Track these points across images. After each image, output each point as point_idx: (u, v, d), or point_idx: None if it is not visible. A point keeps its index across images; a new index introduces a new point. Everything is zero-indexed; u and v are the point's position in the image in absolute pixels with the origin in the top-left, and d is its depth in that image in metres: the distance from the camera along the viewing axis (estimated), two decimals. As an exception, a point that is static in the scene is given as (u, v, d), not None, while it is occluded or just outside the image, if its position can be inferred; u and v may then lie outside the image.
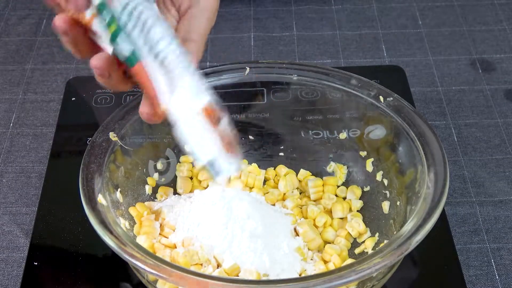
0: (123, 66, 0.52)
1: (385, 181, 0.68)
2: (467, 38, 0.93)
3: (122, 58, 0.50)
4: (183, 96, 0.49)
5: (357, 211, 0.68)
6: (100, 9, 0.50)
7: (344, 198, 0.70)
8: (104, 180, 0.61)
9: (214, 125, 0.49)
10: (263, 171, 0.72)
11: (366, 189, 0.70)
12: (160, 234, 0.65)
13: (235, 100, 0.73)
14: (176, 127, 0.50)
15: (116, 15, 0.49)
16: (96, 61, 0.51)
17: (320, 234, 0.66)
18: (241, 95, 0.72)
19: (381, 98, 0.67)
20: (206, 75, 0.69)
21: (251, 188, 0.70)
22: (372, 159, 0.69)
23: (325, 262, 0.64)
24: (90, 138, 0.64)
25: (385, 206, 0.67)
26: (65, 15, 0.51)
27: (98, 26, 0.50)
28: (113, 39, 0.50)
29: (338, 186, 0.71)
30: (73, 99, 0.83)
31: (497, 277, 0.66)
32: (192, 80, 0.49)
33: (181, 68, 0.49)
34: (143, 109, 0.53)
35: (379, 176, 0.69)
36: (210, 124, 0.49)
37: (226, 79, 0.70)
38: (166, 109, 0.49)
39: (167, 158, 0.70)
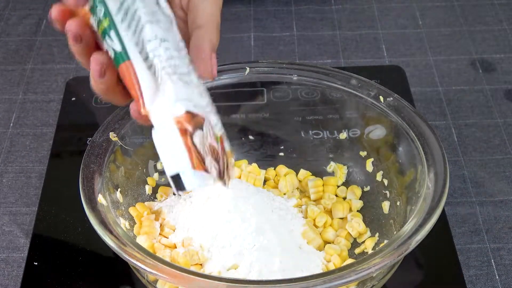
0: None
1: (385, 181, 0.68)
2: (467, 38, 0.93)
3: (111, 54, 0.48)
4: (162, 102, 0.47)
5: (357, 211, 0.68)
6: (95, 2, 0.48)
7: (344, 198, 0.70)
8: (104, 180, 0.61)
9: (185, 137, 0.47)
10: (263, 171, 0.72)
11: (366, 189, 0.70)
12: (160, 234, 0.65)
13: (235, 100, 0.73)
14: (153, 133, 0.48)
15: (110, 10, 0.48)
16: (96, 55, 0.50)
17: (320, 234, 0.66)
18: (241, 95, 0.72)
19: (381, 98, 0.67)
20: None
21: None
22: (372, 159, 0.69)
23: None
24: (90, 138, 0.64)
25: (385, 206, 0.67)
26: (63, 7, 0.49)
27: (93, 21, 0.49)
28: (104, 35, 0.48)
29: (338, 186, 0.71)
30: (73, 99, 0.83)
31: (497, 277, 0.66)
32: (174, 87, 0.47)
33: (166, 72, 0.47)
34: (132, 106, 0.51)
35: (379, 176, 0.69)
36: (182, 136, 0.47)
37: (226, 79, 0.70)
38: (147, 113, 0.48)
39: (167, 158, 0.70)
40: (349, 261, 0.63)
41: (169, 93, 0.47)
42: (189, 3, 0.55)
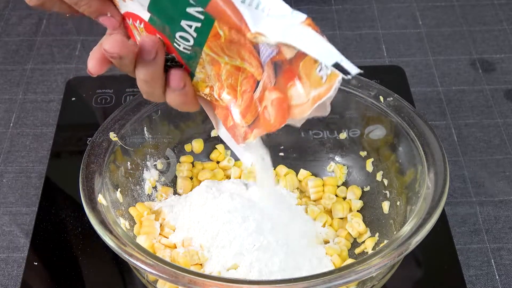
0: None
1: (385, 181, 0.68)
2: (467, 38, 0.93)
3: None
4: (274, 19, 0.49)
5: (357, 211, 0.68)
6: None
7: (344, 198, 0.70)
8: (104, 180, 0.61)
9: (322, 34, 0.49)
10: (263, 171, 0.72)
11: (366, 189, 0.70)
12: (160, 234, 0.65)
13: (235, 100, 0.72)
14: (287, 43, 0.49)
15: None
16: (174, 70, 0.52)
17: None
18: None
19: (381, 98, 0.67)
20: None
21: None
22: (372, 159, 0.69)
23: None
24: (90, 138, 0.64)
25: (385, 206, 0.67)
26: None
27: None
28: None
29: (338, 186, 0.71)
30: (73, 99, 0.83)
31: (497, 277, 0.66)
32: (283, 2, 0.50)
33: None
34: (174, 71, 0.52)
35: (379, 176, 0.69)
36: (320, 35, 0.48)
37: (226, 79, 0.70)
38: (256, 33, 0.49)
39: (167, 158, 0.70)
40: (349, 261, 0.63)
41: (282, 7, 0.49)
42: None
